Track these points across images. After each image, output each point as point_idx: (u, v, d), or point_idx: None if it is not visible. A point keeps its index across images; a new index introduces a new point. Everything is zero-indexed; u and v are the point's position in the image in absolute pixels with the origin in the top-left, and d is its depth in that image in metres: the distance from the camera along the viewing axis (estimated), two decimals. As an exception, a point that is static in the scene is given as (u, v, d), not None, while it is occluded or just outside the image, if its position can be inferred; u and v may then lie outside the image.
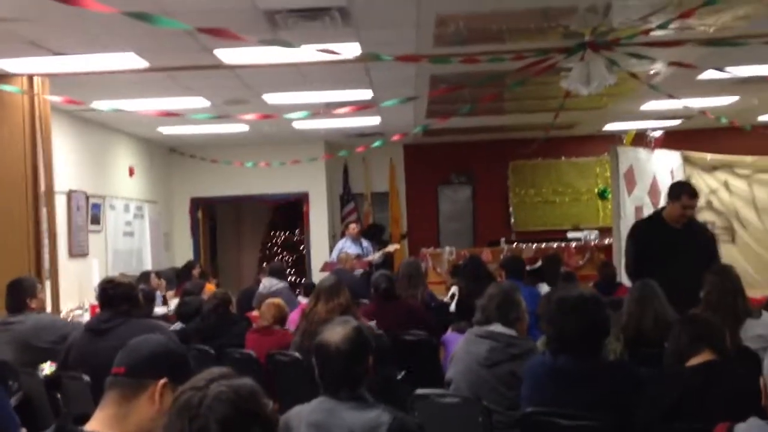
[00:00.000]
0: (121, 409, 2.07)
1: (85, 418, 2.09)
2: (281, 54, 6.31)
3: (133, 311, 4.56)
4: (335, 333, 2.73)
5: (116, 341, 3.11)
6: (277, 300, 5.54)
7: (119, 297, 4.39)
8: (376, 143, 8.74)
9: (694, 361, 3.08)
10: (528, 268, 6.91)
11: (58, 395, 4.58)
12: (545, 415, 3.25)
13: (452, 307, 6.35)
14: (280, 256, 14.55)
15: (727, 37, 6.01)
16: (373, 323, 5.49)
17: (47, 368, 4.53)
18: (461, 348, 4.01)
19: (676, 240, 5.80)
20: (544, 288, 6.57)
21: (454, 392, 3.85)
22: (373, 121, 10.54)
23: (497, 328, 3.87)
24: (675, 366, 3.15)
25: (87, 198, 9.20)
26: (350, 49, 6.04)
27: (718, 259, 6.08)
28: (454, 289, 6.52)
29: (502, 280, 6.38)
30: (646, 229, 6.15)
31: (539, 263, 7.76)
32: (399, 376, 5.23)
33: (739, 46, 5.69)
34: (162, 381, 2.07)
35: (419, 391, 3.76)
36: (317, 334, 2.87)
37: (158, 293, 8.95)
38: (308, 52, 5.71)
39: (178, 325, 5.98)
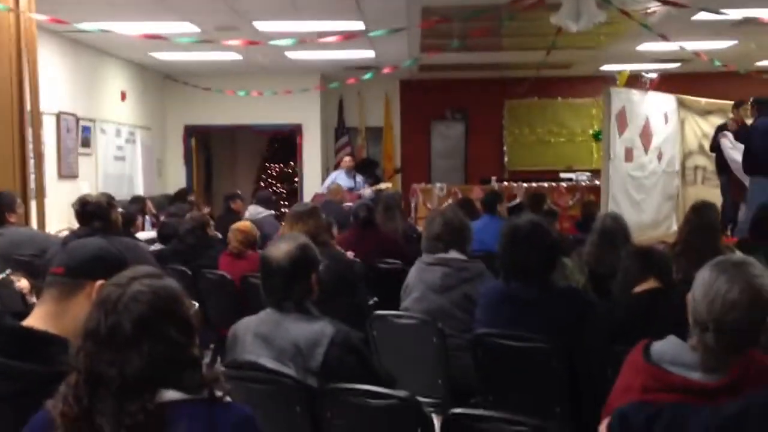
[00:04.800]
0: (58, 307, 2.13)
1: (24, 315, 2.16)
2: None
3: (106, 229, 4.64)
4: (279, 249, 2.80)
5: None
6: (243, 224, 5.61)
7: (90, 214, 4.45)
8: (367, 75, 8.69)
9: (639, 288, 3.16)
10: (509, 204, 6.96)
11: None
12: (496, 337, 3.34)
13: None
14: (275, 187, 14.62)
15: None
16: (350, 253, 5.58)
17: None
18: (413, 277, 4.09)
19: None
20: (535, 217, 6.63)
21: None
22: (367, 54, 10.48)
23: (450, 254, 3.94)
24: (623, 292, 3.23)
25: (77, 120, 9.21)
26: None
27: None
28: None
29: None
30: None
31: (518, 200, 7.79)
32: (371, 302, 5.31)
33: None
34: (99, 282, 2.11)
35: (378, 312, 3.85)
36: None
37: (147, 217, 9.03)
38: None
39: (157, 246, 6.06)
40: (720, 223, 4.68)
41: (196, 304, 1.88)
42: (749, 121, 8.83)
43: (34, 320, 2.11)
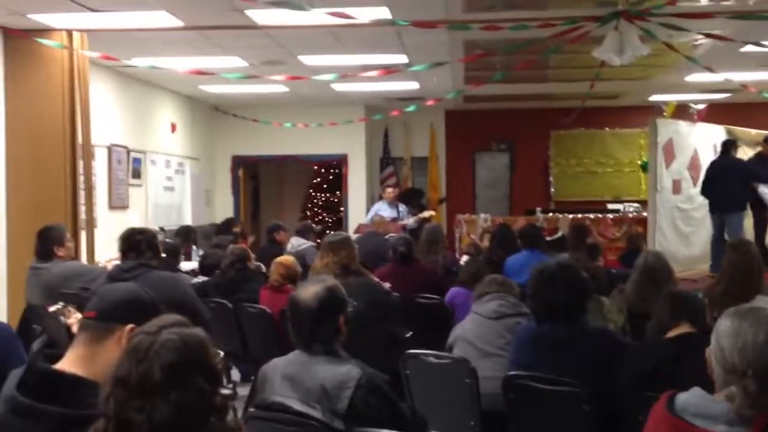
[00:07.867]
0: (89, 351, 2.19)
1: (59, 357, 2.23)
2: (312, 16, 6.36)
3: (155, 260, 4.73)
4: (307, 291, 2.83)
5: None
6: (286, 259, 5.65)
7: (147, 244, 4.52)
8: (410, 107, 8.77)
9: (672, 333, 3.13)
10: (549, 238, 6.91)
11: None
12: (526, 379, 3.32)
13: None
14: (321, 216, 14.76)
15: (755, 11, 5.86)
16: (386, 284, 5.59)
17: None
18: (467, 316, 4.12)
19: None
20: (564, 258, 6.58)
21: (460, 350, 3.93)
22: (411, 85, 10.57)
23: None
24: (655, 336, 3.20)
25: (128, 152, 9.45)
26: (378, 14, 6.07)
27: None
28: (465, 258, 6.62)
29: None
30: None
31: (559, 233, 7.73)
32: (407, 335, 5.30)
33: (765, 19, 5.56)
34: (129, 327, 2.17)
35: (410, 351, 3.86)
36: None
37: (194, 248, 9.17)
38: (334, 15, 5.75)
39: (200, 278, 6.16)
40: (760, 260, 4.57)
41: (221, 353, 1.92)
42: None
43: (66, 363, 2.18)
